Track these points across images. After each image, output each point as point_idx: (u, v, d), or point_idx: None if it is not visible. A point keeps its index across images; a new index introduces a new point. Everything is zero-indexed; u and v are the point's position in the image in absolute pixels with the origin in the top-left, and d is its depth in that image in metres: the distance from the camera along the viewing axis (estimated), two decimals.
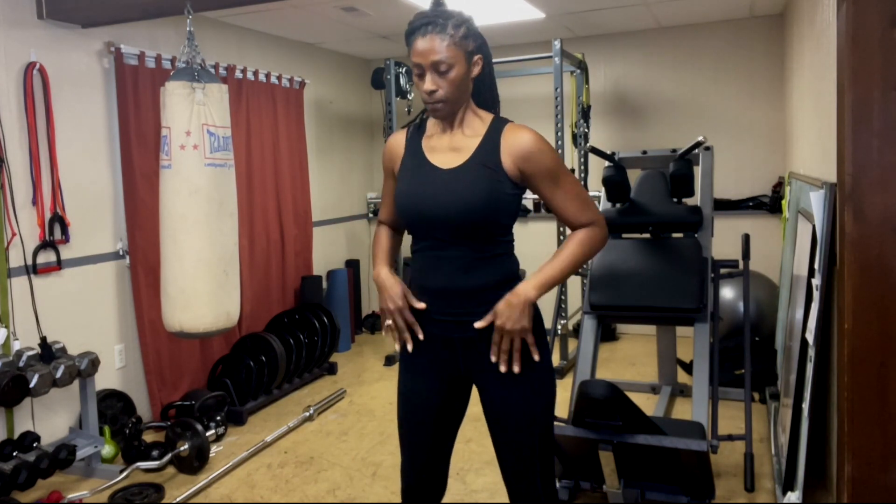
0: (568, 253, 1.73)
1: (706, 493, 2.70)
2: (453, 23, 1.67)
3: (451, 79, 1.68)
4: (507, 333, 1.69)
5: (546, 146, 1.71)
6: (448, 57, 1.66)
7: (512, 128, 1.74)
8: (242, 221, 4.33)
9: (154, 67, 3.91)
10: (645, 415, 2.49)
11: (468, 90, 1.75)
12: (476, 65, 1.73)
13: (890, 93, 1.89)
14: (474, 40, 1.71)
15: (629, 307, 3.21)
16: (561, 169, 1.73)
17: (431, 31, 1.66)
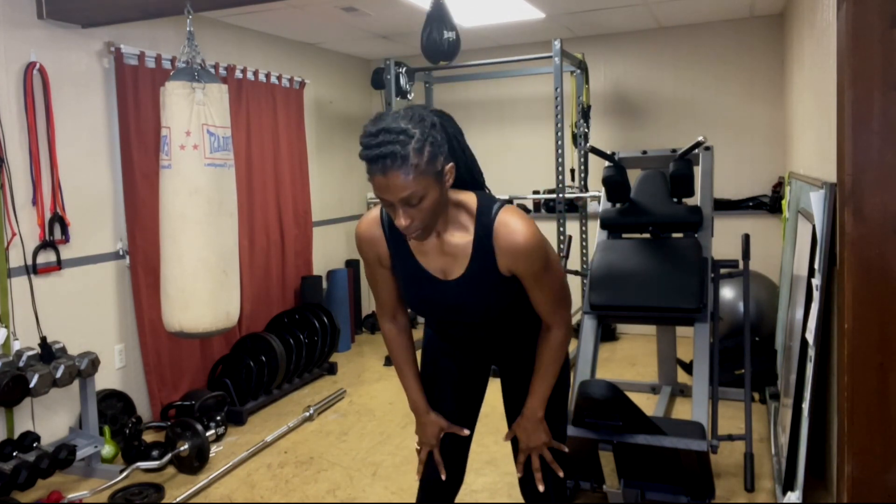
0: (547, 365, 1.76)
1: (706, 493, 2.70)
2: (414, 147, 1.42)
3: (424, 208, 1.48)
4: (533, 451, 1.82)
5: (537, 249, 1.59)
6: (418, 190, 1.44)
7: (502, 227, 1.57)
8: (242, 221, 4.33)
9: (154, 67, 3.91)
10: (645, 415, 2.49)
11: (447, 201, 1.57)
12: (449, 175, 1.52)
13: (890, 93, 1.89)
14: (441, 152, 1.48)
15: (629, 307, 3.21)
16: (546, 271, 1.64)
17: (391, 166, 1.41)
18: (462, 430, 1.90)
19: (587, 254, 5.47)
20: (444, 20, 3.41)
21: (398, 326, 1.90)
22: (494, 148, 5.99)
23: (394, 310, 1.87)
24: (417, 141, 1.43)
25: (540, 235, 1.61)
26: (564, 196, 4.69)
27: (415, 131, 1.44)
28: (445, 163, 1.51)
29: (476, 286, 1.65)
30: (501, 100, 5.94)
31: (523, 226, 1.57)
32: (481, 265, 1.61)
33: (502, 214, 1.59)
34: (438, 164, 1.47)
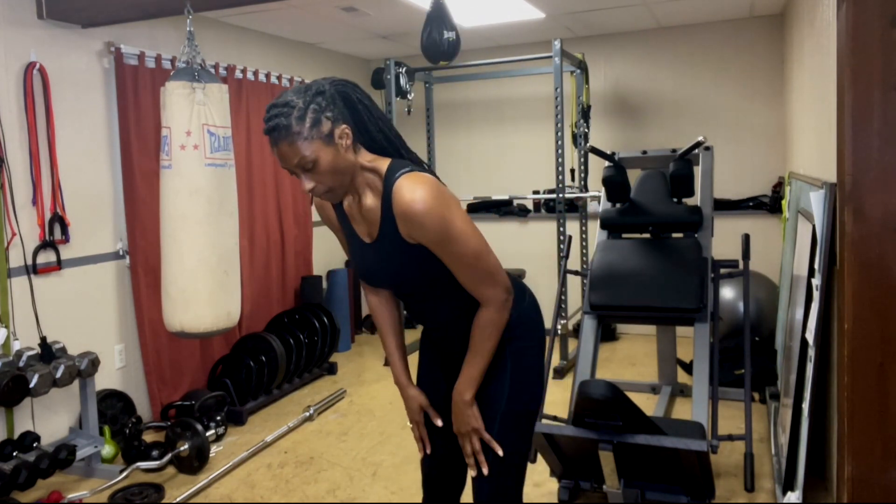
0: (479, 350, 1.69)
1: (706, 493, 2.70)
2: (296, 116, 1.51)
3: (322, 171, 1.54)
4: (463, 437, 1.76)
5: (429, 216, 1.52)
6: (307, 155, 1.52)
7: (397, 192, 1.55)
8: (242, 221, 4.33)
9: (154, 67, 3.91)
10: (645, 415, 2.49)
11: (350, 163, 1.59)
12: (343, 137, 1.55)
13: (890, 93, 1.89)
14: (328, 116, 1.53)
15: (629, 307, 3.21)
16: (450, 241, 1.56)
17: (278, 136, 1.52)
18: (436, 418, 1.86)
19: (587, 254, 5.47)
20: (444, 20, 3.42)
21: (380, 296, 1.90)
22: (494, 148, 6.00)
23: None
24: (299, 110, 1.51)
25: (438, 201, 1.53)
26: (564, 196, 4.69)
27: (297, 101, 1.52)
28: (335, 125, 1.54)
29: (388, 251, 1.65)
30: (501, 100, 5.94)
31: (418, 191, 1.52)
32: (388, 230, 1.62)
33: (401, 179, 1.56)
34: (324, 128, 1.53)
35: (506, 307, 1.67)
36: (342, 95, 1.59)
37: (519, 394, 1.76)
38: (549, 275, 5.60)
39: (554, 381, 4.49)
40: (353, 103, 1.60)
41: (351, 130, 1.58)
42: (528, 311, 1.79)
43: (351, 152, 1.59)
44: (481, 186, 6.02)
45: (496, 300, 1.65)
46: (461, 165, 6.09)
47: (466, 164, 6.09)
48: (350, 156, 1.59)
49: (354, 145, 1.60)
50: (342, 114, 1.57)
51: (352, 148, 1.59)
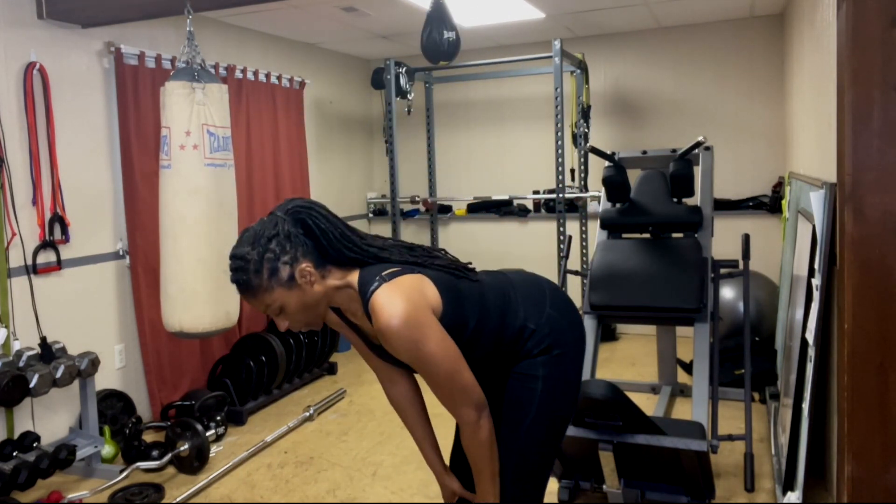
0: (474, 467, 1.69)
1: (706, 493, 2.70)
2: (252, 270, 1.52)
3: (292, 312, 1.58)
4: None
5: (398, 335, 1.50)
6: (271, 304, 1.56)
7: (373, 312, 1.54)
8: (242, 221, 4.32)
9: (154, 67, 3.91)
10: (645, 415, 2.49)
11: (321, 294, 1.59)
12: (305, 274, 1.55)
13: (890, 93, 1.89)
14: (285, 260, 1.53)
15: (629, 307, 3.21)
16: (420, 360, 1.54)
17: (242, 291, 1.56)
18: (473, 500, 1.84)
19: (587, 254, 5.47)
20: (444, 20, 3.41)
21: (398, 388, 1.87)
22: (494, 148, 5.99)
23: (388, 371, 1.85)
24: (255, 263, 1.53)
25: (409, 326, 1.50)
26: (564, 196, 4.69)
27: (252, 254, 1.53)
28: (294, 267, 1.54)
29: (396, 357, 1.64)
30: (501, 100, 5.94)
31: (388, 313, 1.50)
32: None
33: (374, 297, 1.54)
34: (283, 274, 1.54)
35: (479, 426, 1.63)
36: (298, 223, 1.57)
37: (550, 400, 1.73)
38: (549, 275, 5.56)
39: None
40: (310, 229, 1.57)
41: (312, 263, 1.57)
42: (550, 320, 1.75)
43: (319, 283, 1.58)
44: (481, 186, 6.02)
45: (467, 420, 1.62)
46: (461, 165, 6.09)
47: (466, 165, 6.08)
48: (317, 288, 1.58)
49: (322, 272, 1.59)
50: (301, 250, 1.56)
51: (319, 278, 1.58)
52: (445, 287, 1.63)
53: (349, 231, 1.62)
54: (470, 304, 1.67)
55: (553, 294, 1.81)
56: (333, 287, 1.61)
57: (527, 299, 1.76)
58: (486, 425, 1.64)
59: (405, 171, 6.13)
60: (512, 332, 1.72)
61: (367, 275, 1.59)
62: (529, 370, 1.73)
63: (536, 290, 1.80)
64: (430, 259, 1.70)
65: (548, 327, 1.73)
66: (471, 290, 1.70)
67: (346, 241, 1.60)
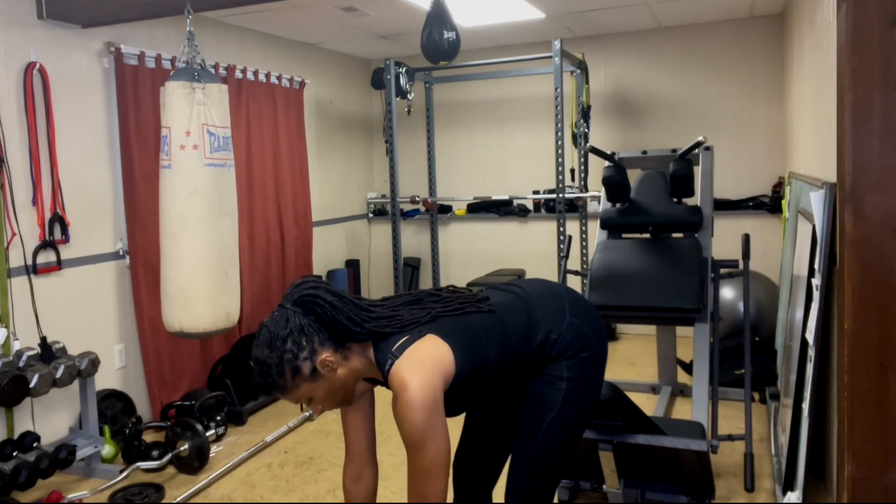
0: None
1: (706, 493, 2.70)
2: (276, 373, 1.54)
3: (322, 399, 1.61)
4: None
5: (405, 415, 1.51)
6: (301, 396, 1.59)
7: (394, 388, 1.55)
8: (242, 221, 4.33)
9: (154, 67, 3.91)
10: (645, 415, 2.49)
11: (347, 376, 1.61)
12: (326, 365, 1.57)
13: (890, 93, 1.89)
14: (305, 355, 1.55)
15: (629, 307, 3.21)
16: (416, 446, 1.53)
17: (271, 392, 1.60)
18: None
19: (587, 254, 5.47)
20: (444, 20, 3.41)
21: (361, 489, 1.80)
22: (494, 148, 5.99)
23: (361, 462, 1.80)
24: (276, 367, 1.54)
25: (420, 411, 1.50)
26: (564, 196, 4.69)
27: (272, 357, 1.54)
28: (315, 359, 1.55)
29: None
30: (501, 100, 5.94)
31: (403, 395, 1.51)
32: None
33: (390, 378, 1.56)
34: (305, 371, 1.55)
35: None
36: (308, 310, 1.57)
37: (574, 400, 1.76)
38: (549, 275, 5.60)
39: None
40: (322, 318, 1.58)
41: (332, 349, 1.58)
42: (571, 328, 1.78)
43: (342, 366, 1.60)
44: (481, 186, 6.02)
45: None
46: (461, 165, 6.09)
47: (466, 164, 6.09)
48: (342, 371, 1.60)
49: (343, 353, 1.60)
50: (317, 340, 1.56)
51: (342, 360, 1.60)
52: (458, 335, 1.64)
53: (356, 310, 1.61)
54: (489, 338, 1.68)
55: (572, 301, 1.84)
56: (358, 365, 1.63)
57: (546, 311, 1.79)
58: None
59: (405, 171, 6.13)
60: (536, 346, 1.75)
61: (380, 354, 1.61)
62: (556, 371, 1.76)
63: (555, 300, 1.82)
64: (439, 307, 1.70)
65: (570, 335, 1.77)
66: (487, 324, 1.71)
67: (352, 324, 1.59)
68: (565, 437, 1.78)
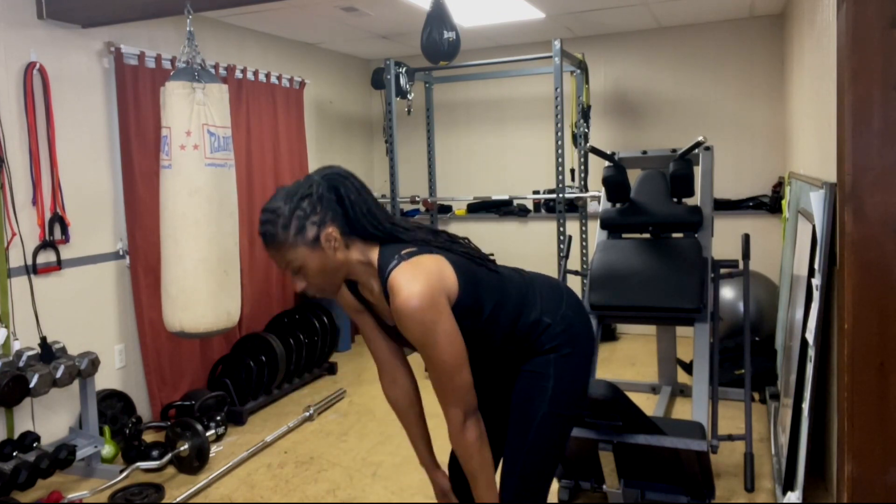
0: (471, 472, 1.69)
1: (706, 493, 2.70)
2: (281, 224, 1.56)
3: (310, 273, 1.59)
4: None
5: (412, 316, 1.53)
6: (293, 261, 1.58)
7: (391, 289, 1.56)
8: (242, 221, 4.32)
9: (154, 67, 3.91)
10: (645, 415, 2.49)
11: (341, 262, 1.61)
12: (330, 239, 1.57)
13: (890, 93, 1.89)
14: (314, 221, 1.56)
15: (629, 307, 3.21)
16: (426, 342, 1.57)
17: (267, 243, 1.58)
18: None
19: (587, 254, 5.47)
20: (444, 20, 3.41)
21: (397, 387, 1.88)
22: (494, 148, 5.99)
23: (392, 368, 1.87)
24: (284, 218, 1.56)
25: (425, 307, 1.52)
26: (564, 196, 4.69)
27: (283, 208, 1.57)
28: (321, 230, 1.57)
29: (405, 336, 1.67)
30: (501, 100, 5.94)
31: (404, 291, 1.53)
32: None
33: (393, 274, 1.57)
34: (309, 234, 1.56)
35: (465, 428, 1.64)
36: (332, 189, 1.60)
37: (560, 399, 1.75)
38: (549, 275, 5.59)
39: None
40: (341, 199, 1.60)
41: (339, 230, 1.59)
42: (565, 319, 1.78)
43: (342, 251, 1.61)
44: (481, 186, 6.02)
45: (454, 421, 1.64)
46: (461, 165, 6.09)
47: (466, 164, 6.08)
48: (339, 255, 1.61)
49: (346, 241, 1.61)
50: (330, 214, 1.58)
51: (343, 246, 1.61)
52: (463, 271, 1.65)
53: (376, 208, 1.65)
54: (487, 291, 1.70)
55: (569, 296, 1.85)
56: (355, 259, 1.64)
57: (544, 297, 1.80)
58: (473, 430, 1.65)
59: (405, 171, 6.13)
60: (527, 324, 1.74)
61: (387, 253, 1.61)
62: (540, 368, 1.75)
63: (554, 290, 1.84)
64: (452, 244, 1.73)
65: (562, 325, 1.76)
66: (489, 278, 1.73)
67: (371, 217, 1.62)
68: (556, 435, 1.77)
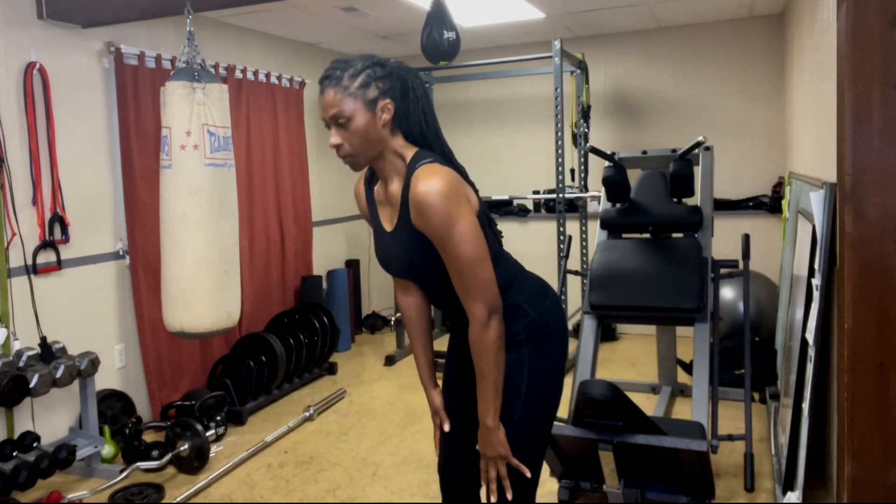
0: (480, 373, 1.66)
1: (706, 493, 2.70)
2: (350, 73, 1.60)
3: (352, 131, 1.61)
4: (490, 462, 1.72)
5: (433, 206, 1.54)
6: (345, 110, 1.59)
7: (414, 179, 1.58)
8: (242, 221, 4.33)
9: (154, 67, 3.91)
10: (645, 415, 2.49)
11: (381, 138, 1.64)
12: (385, 111, 1.62)
13: (890, 93, 1.89)
14: (378, 86, 1.61)
15: (629, 307, 3.21)
16: (448, 237, 1.57)
17: (327, 84, 1.60)
18: (445, 422, 1.90)
19: (587, 254, 5.47)
20: (444, 20, 3.41)
21: (410, 297, 1.91)
22: (494, 148, 5.99)
23: (406, 283, 1.90)
24: (355, 69, 1.61)
25: (448, 198, 1.55)
26: (564, 196, 4.69)
27: (358, 63, 1.62)
28: (381, 97, 1.62)
29: (402, 239, 1.69)
30: (501, 100, 5.94)
31: (432, 182, 1.55)
32: (405, 217, 1.65)
33: (422, 168, 1.60)
34: (370, 93, 1.61)
35: (488, 327, 1.63)
36: (400, 79, 1.66)
37: (535, 398, 1.73)
38: (549, 275, 5.60)
39: None
40: (406, 90, 1.67)
41: (394, 109, 1.64)
42: (546, 313, 1.77)
43: (387, 129, 1.65)
44: (481, 186, 5.92)
45: (478, 318, 1.62)
46: None
47: (466, 164, 6.00)
48: (384, 131, 1.65)
49: (392, 127, 1.66)
50: (393, 92, 1.64)
51: (389, 126, 1.65)
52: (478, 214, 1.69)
53: (432, 116, 1.72)
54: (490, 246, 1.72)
55: (553, 297, 1.85)
56: (392, 147, 1.67)
57: (531, 290, 1.79)
58: (495, 329, 1.63)
59: None
60: (509, 305, 1.73)
61: (422, 154, 1.66)
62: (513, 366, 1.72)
63: (541, 286, 1.84)
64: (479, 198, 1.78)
65: (542, 319, 1.76)
66: (493, 242, 1.75)
67: (425, 118, 1.69)
68: (535, 434, 1.76)
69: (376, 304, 6.37)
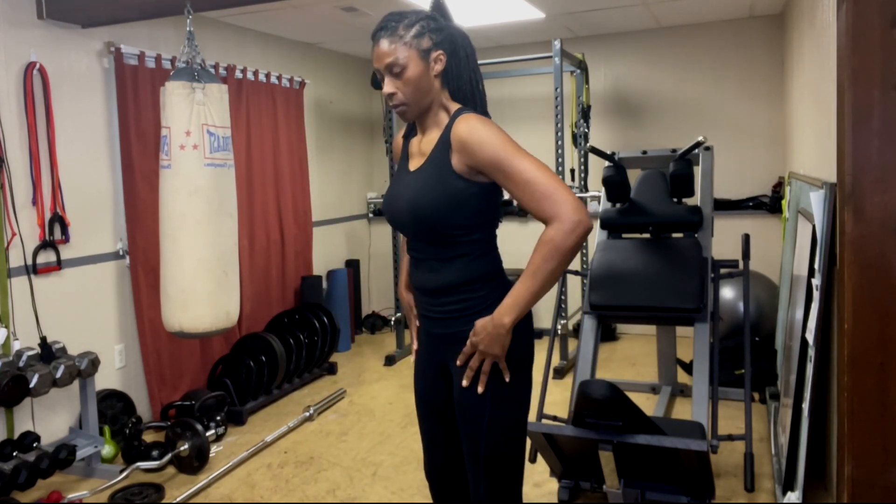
0: (533, 270, 1.57)
1: (706, 493, 2.70)
2: (405, 24, 1.65)
3: (406, 80, 1.65)
4: (480, 353, 1.67)
5: (480, 134, 1.60)
6: (399, 58, 1.64)
7: (459, 121, 1.65)
8: (242, 221, 4.33)
9: (154, 67, 3.91)
10: (645, 415, 2.49)
11: (432, 89, 1.69)
12: (437, 62, 1.68)
13: (890, 93, 1.89)
14: (432, 37, 1.66)
15: (629, 307, 3.21)
16: (505, 155, 1.57)
17: (382, 34, 1.65)
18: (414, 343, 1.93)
19: (587, 254, 5.47)
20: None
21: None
22: None
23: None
24: (411, 20, 1.66)
25: (497, 129, 1.62)
26: None
27: (413, 15, 1.67)
28: (435, 48, 1.67)
29: (423, 174, 1.70)
30: (501, 100, 5.94)
31: (479, 121, 1.63)
32: (435, 158, 1.69)
33: (466, 114, 1.67)
34: (424, 43, 1.66)
35: (574, 232, 1.51)
36: (450, 38, 1.71)
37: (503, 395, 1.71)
38: None
39: (554, 381, 4.49)
40: (456, 47, 1.71)
41: (445, 61, 1.69)
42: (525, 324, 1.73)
43: (439, 80, 1.70)
44: None
45: (566, 215, 1.52)
46: None
47: None
48: (436, 82, 1.70)
49: (442, 80, 1.71)
50: (445, 45, 1.69)
51: (440, 78, 1.70)
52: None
53: (479, 78, 1.77)
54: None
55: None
56: (437, 97, 1.72)
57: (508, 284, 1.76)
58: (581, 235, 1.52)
59: None
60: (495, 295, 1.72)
61: (467, 109, 1.72)
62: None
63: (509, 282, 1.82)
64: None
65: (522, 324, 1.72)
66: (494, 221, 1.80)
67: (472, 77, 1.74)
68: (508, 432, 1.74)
69: (376, 304, 6.37)
